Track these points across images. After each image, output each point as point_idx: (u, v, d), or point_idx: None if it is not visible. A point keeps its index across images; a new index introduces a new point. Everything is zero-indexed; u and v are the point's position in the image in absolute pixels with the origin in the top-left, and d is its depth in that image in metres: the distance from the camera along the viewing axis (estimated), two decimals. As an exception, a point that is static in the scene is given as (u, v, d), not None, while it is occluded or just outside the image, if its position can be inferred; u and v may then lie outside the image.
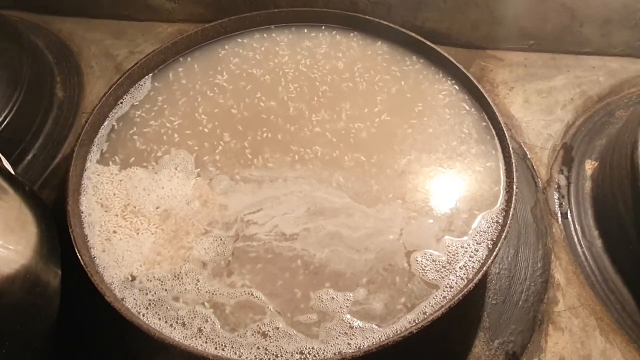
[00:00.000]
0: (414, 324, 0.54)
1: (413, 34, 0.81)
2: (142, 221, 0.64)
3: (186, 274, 0.60)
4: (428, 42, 0.80)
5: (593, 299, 0.69)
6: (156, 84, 0.79)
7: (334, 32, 0.86)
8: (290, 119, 0.75)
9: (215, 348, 0.54)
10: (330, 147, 0.71)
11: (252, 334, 0.55)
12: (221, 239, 0.62)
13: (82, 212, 0.65)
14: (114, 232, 0.63)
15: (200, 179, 0.68)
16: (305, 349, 0.53)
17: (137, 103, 0.77)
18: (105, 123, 0.74)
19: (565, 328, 0.67)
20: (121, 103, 0.76)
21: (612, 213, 0.73)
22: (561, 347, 0.65)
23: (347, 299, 0.57)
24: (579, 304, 0.69)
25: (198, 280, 0.59)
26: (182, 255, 0.61)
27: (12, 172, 0.65)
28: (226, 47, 0.84)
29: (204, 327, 0.55)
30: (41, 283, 0.57)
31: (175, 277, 0.59)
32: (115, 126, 0.74)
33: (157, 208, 0.65)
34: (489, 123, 0.73)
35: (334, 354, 0.53)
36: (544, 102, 0.91)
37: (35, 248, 0.58)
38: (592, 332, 0.66)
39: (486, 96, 0.72)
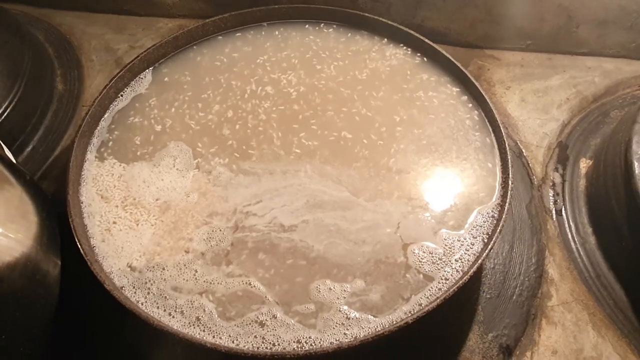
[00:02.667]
0: (409, 315, 0.54)
1: (412, 32, 0.82)
2: (142, 212, 0.65)
3: (185, 264, 0.60)
4: (427, 40, 0.81)
5: (586, 294, 0.70)
6: (157, 78, 0.80)
7: (334, 29, 0.87)
8: (290, 114, 0.75)
9: (213, 336, 0.54)
10: (329, 142, 0.72)
11: (250, 323, 0.55)
12: (220, 230, 0.63)
13: (82, 203, 0.65)
14: (114, 222, 0.64)
15: (200, 171, 0.69)
16: (303, 338, 0.54)
17: (137, 96, 0.77)
18: (106, 115, 0.75)
19: (558, 322, 0.68)
20: (122, 95, 0.77)
21: (606, 211, 0.74)
22: (554, 341, 0.66)
23: (345, 290, 0.58)
24: (572, 299, 0.70)
25: (197, 270, 0.60)
26: (181, 246, 0.62)
27: (14, 161, 0.65)
28: (227, 42, 0.85)
29: (202, 316, 0.56)
30: (41, 271, 0.58)
31: (174, 267, 0.60)
32: (116, 118, 0.75)
33: (156, 200, 0.66)
34: (486, 120, 0.74)
35: (331, 343, 0.53)
36: (540, 101, 0.92)
37: (35, 237, 0.58)
38: (585, 327, 0.67)
39: (484, 94, 0.73)
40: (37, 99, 0.89)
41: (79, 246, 0.58)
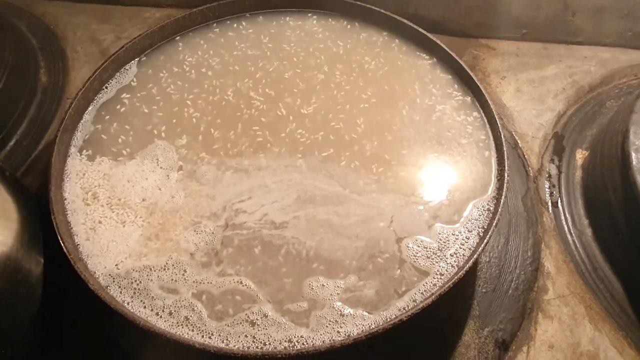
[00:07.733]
0: (403, 312, 0.53)
1: (406, 21, 0.80)
2: (129, 214, 0.62)
3: (174, 264, 0.58)
4: (421, 30, 0.79)
5: (582, 288, 0.69)
6: (143, 69, 0.77)
7: (326, 18, 0.84)
8: (278, 107, 0.73)
9: (202, 337, 0.53)
10: (320, 135, 0.70)
11: (241, 322, 0.54)
12: (210, 228, 0.61)
13: (66, 199, 0.63)
14: (99, 222, 0.61)
15: (186, 170, 0.66)
16: (294, 337, 0.53)
17: (122, 88, 0.75)
18: (90, 108, 0.72)
19: (555, 316, 0.67)
20: (106, 88, 0.74)
21: (602, 202, 0.73)
22: (550, 335, 0.65)
23: (338, 286, 0.56)
24: (569, 293, 0.69)
25: (186, 270, 0.58)
26: (169, 247, 0.60)
27: (-8, 157, 0.63)
28: (215, 31, 0.83)
29: (191, 316, 0.54)
30: (22, 271, 0.56)
31: (162, 267, 0.58)
32: (100, 112, 0.72)
33: (143, 200, 0.63)
34: (481, 111, 0.72)
35: (323, 341, 0.52)
36: (535, 91, 0.91)
37: (16, 235, 0.56)
38: (581, 320, 0.66)
39: (479, 84, 0.72)
40: (19, 91, 0.86)
41: (62, 244, 0.55)
